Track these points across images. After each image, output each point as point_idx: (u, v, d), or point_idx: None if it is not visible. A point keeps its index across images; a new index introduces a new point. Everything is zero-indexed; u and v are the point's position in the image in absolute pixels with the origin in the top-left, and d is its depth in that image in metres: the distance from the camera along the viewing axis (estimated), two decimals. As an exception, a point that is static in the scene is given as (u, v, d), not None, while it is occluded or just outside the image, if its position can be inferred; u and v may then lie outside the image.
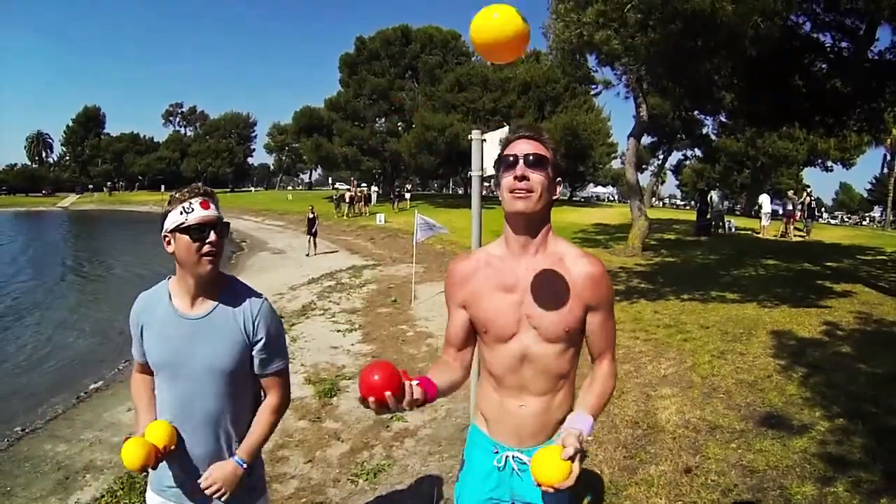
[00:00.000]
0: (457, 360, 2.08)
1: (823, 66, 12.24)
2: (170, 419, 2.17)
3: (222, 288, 2.18)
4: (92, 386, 8.15)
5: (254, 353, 2.20)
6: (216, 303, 2.15)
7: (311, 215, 21.14)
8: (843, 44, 11.85)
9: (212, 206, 2.05)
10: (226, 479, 2.21)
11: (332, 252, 20.87)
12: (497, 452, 2.06)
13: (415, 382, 1.64)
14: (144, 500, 2.40)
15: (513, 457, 2.02)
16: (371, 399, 1.54)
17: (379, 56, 47.99)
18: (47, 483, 5.17)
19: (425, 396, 1.67)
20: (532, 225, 1.91)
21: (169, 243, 2.06)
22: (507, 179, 1.86)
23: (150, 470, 2.06)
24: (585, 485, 4.11)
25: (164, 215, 2.05)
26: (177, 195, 2.05)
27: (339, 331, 9.60)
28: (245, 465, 2.22)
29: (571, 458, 1.56)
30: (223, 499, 2.18)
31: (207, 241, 2.02)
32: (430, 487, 4.42)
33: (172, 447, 2.09)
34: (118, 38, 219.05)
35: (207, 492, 2.17)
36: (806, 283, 11.24)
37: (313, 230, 21.06)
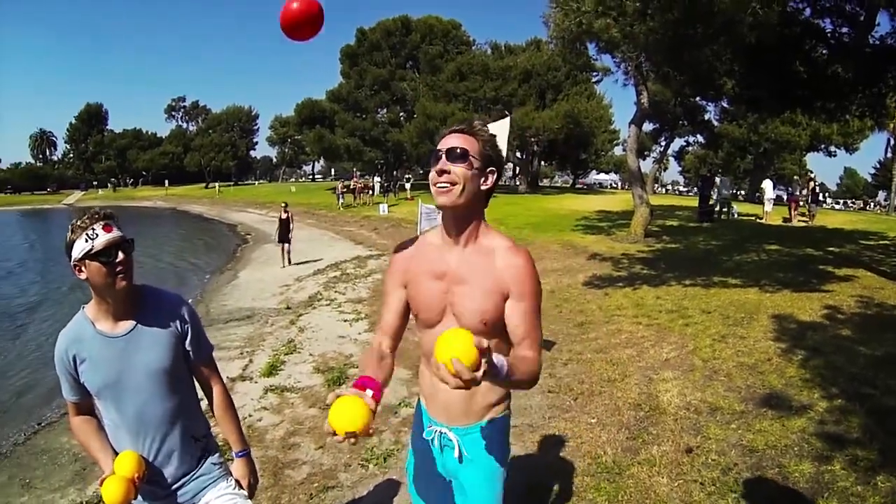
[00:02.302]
0: (389, 348, 2.10)
1: (824, 51, 12.23)
2: (128, 436, 2.26)
3: (139, 298, 2.27)
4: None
5: (187, 345, 2.33)
6: (140, 313, 2.25)
7: (283, 215, 16.63)
8: (844, 29, 11.87)
9: (114, 228, 2.11)
10: (249, 473, 2.46)
11: (312, 262, 17.11)
12: (431, 427, 2.16)
13: (369, 393, 1.64)
14: None
15: (440, 433, 2.12)
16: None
17: (380, 47, 47.91)
18: (65, 474, 5.26)
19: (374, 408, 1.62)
20: (460, 217, 1.95)
21: (80, 271, 2.10)
22: (432, 173, 1.91)
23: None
24: (537, 483, 4.23)
25: (70, 244, 2.09)
26: (78, 223, 2.09)
27: (345, 320, 9.67)
28: (246, 452, 2.48)
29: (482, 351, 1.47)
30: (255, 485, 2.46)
31: (117, 261, 2.08)
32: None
33: (145, 471, 2.17)
34: (119, 34, 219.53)
35: (248, 492, 2.42)
36: (808, 267, 11.28)
37: (288, 236, 16.64)
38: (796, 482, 3.78)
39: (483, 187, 1.95)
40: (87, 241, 2.05)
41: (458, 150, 1.87)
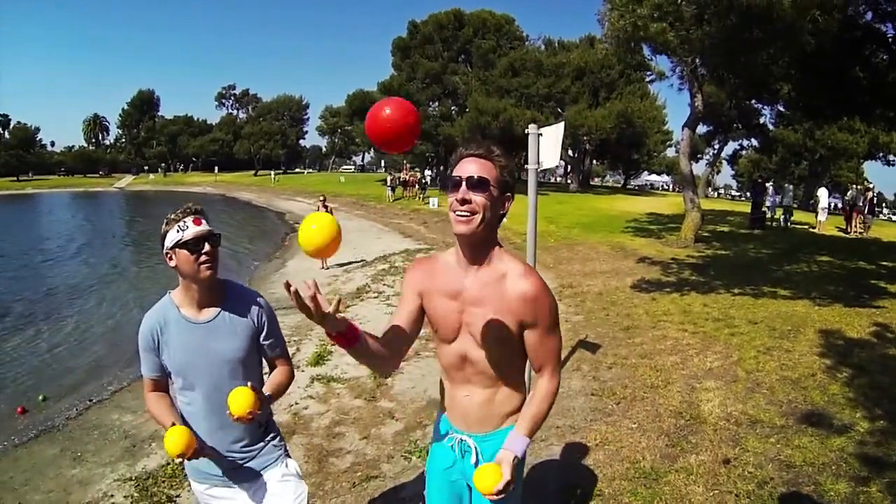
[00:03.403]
0: (390, 341, 2.07)
1: (885, 57, 12.00)
2: (199, 414, 2.46)
3: (224, 291, 2.48)
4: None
5: (262, 341, 2.53)
6: (222, 304, 2.45)
7: (321, 209, 14.61)
8: (906, 35, 11.63)
9: (203, 221, 2.33)
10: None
11: (355, 263, 15.69)
12: (451, 434, 2.25)
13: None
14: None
15: (460, 440, 2.21)
16: (308, 292, 1.61)
17: (432, 40, 47.76)
18: (115, 450, 5.54)
19: (346, 326, 1.76)
20: (476, 245, 2.00)
21: (171, 259, 2.34)
22: (451, 200, 1.93)
23: (185, 460, 2.28)
24: (575, 484, 4.31)
25: (163, 235, 2.33)
26: (172, 216, 2.33)
27: (393, 313, 9.74)
28: (269, 397, 2.48)
29: (507, 485, 1.86)
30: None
31: (203, 251, 2.30)
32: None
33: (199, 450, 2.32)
34: (170, 21, 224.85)
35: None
36: (859, 282, 11.05)
37: None
38: (831, 501, 3.79)
39: (500, 213, 2.01)
40: (178, 231, 2.29)
41: (479, 179, 1.90)
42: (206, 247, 2.31)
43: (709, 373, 6.30)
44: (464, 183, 1.90)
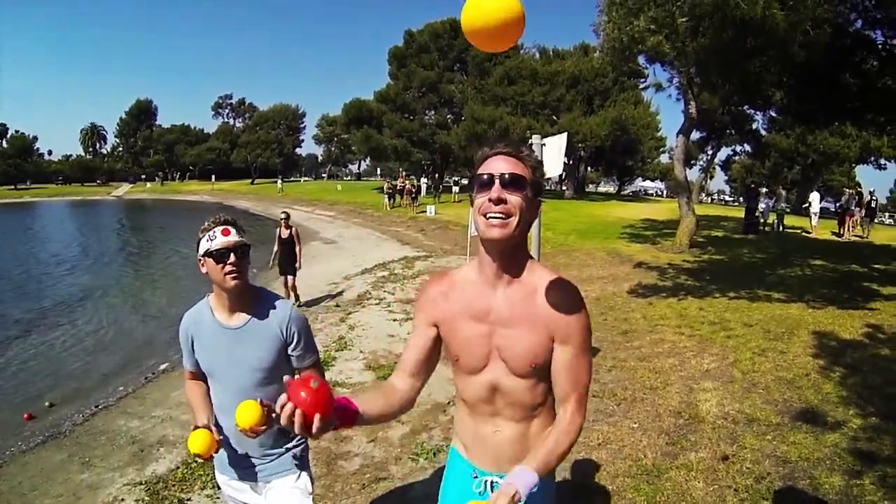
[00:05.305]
0: (404, 385, 1.92)
1: (874, 63, 12.16)
2: (226, 416, 2.54)
3: (254, 299, 2.57)
4: (160, 367, 8.55)
5: (290, 351, 2.57)
6: (252, 311, 2.54)
7: (283, 232, 11.17)
8: (895, 41, 11.79)
9: (232, 232, 2.45)
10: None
11: (328, 297, 12.56)
12: (476, 477, 1.99)
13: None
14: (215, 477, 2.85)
15: (492, 482, 1.94)
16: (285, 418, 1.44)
17: (428, 49, 47.79)
18: (124, 455, 5.58)
19: (338, 417, 1.59)
20: (509, 253, 1.75)
21: (202, 266, 2.45)
22: (482, 200, 1.69)
23: (208, 456, 2.41)
24: (580, 482, 4.46)
25: (197, 243, 2.45)
26: (205, 226, 2.45)
27: (395, 320, 9.95)
28: None
29: None
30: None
31: (229, 262, 2.41)
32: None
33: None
34: (168, 30, 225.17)
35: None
36: (852, 285, 11.21)
37: (293, 266, 11.21)
38: (826, 494, 3.94)
39: (530, 219, 1.76)
40: (207, 241, 2.42)
41: (511, 176, 1.68)
42: (232, 257, 2.41)
43: (706, 374, 6.45)
44: (497, 180, 1.67)
